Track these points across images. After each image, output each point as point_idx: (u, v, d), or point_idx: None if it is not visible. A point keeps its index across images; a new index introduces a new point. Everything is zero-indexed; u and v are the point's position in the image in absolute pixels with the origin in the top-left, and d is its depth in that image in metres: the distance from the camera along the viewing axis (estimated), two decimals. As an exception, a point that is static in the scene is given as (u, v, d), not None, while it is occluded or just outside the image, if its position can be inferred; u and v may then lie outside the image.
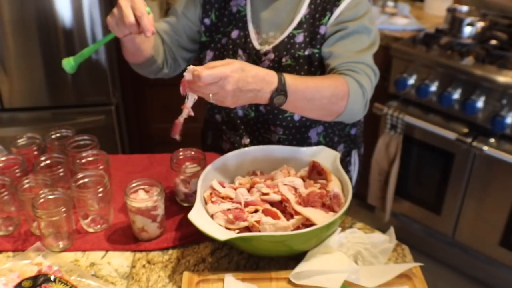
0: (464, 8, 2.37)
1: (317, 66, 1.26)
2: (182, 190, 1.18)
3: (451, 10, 2.32)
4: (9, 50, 2.10)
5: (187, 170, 1.16)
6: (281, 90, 1.02)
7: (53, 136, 1.29)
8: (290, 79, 1.04)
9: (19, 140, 1.27)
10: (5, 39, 2.07)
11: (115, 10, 1.07)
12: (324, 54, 1.24)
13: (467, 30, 2.22)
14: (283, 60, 1.25)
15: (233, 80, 0.94)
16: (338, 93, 1.11)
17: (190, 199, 1.18)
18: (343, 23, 1.22)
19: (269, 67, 1.24)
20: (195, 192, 1.08)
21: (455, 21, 2.25)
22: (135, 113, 2.59)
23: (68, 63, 1.18)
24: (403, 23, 2.39)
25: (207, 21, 1.33)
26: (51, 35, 2.09)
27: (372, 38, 1.25)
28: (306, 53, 1.25)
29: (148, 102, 2.57)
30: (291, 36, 1.26)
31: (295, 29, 1.26)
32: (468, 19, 2.21)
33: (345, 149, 1.45)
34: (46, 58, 2.12)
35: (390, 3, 2.63)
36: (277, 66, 1.26)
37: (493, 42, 2.19)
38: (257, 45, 1.29)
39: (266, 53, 1.27)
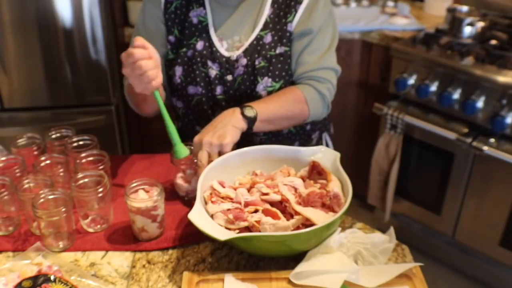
0: (464, 8, 2.37)
1: (290, 64, 1.30)
2: (183, 185, 1.19)
3: (451, 10, 2.32)
4: (9, 50, 2.10)
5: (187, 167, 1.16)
6: (245, 106, 1.19)
7: (53, 136, 1.29)
8: (249, 103, 1.21)
9: (19, 140, 1.27)
10: (5, 39, 2.07)
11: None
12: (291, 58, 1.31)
13: (467, 30, 2.22)
14: (256, 62, 1.26)
15: (207, 134, 1.13)
16: (297, 101, 1.28)
17: (190, 194, 1.19)
18: (307, 24, 1.28)
19: (244, 73, 1.27)
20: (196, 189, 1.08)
21: (455, 21, 2.25)
22: (135, 113, 2.58)
23: (182, 151, 1.14)
24: (403, 23, 2.39)
25: (171, 38, 1.32)
26: (51, 35, 2.09)
27: (332, 34, 1.33)
28: (278, 51, 1.27)
29: (148, 102, 2.56)
30: (259, 38, 1.27)
31: (261, 30, 1.27)
32: (468, 19, 2.21)
33: (319, 135, 1.49)
34: (46, 58, 2.12)
35: (390, 3, 2.63)
36: (251, 70, 1.26)
37: (493, 42, 2.19)
38: (225, 53, 1.28)
39: (237, 59, 1.27)
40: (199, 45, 1.29)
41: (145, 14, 1.33)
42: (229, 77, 1.28)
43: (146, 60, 1.05)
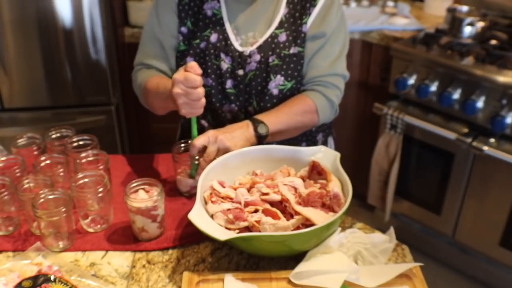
0: (464, 8, 2.37)
1: (303, 64, 1.31)
2: (186, 181, 1.19)
3: (451, 10, 2.32)
4: (9, 50, 2.10)
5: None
6: (258, 122, 1.21)
7: (53, 136, 1.29)
8: (261, 116, 1.23)
9: (19, 140, 1.27)
10: (5, 39, 2.07)
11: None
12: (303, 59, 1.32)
13: (467, 30, 2.22)
14: (270, 60, 1.27)
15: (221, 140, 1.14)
16: (307, 111, 1.29)
17: (193, 190, 1.19)
18: (320, 27, 1.29)
19: (256, 69, 1.28)
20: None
21: (455, 21, 2.25)
22: (135, 113, 2.59)
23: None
24: (403, 23, 2.39)
25: (184, 29, 1.32)
26: (51, 35, 2.09)
27: (343, 39, 1.35)
28: (291, 51, 1.28)
29: (148, 102, 2.56)
30: (274, 36, 1.28)
31: (277, 28, 1.29)
32: (468, 19, 2.22)
33: (324, 138, 1.49)
34: (46, 58, 2.13)
35: (390, 3, 2.63)
36: (265, 67, 1.27)
37: (493, 42, 2.19)
38: (238, 47, 1.29)
39: (250, 55, 1.28)
40: (213, 37, 1.29)
41: (158, 6, 1.34)
42: (240, 72, 1.29)
43: (202, 87, 1.08)
